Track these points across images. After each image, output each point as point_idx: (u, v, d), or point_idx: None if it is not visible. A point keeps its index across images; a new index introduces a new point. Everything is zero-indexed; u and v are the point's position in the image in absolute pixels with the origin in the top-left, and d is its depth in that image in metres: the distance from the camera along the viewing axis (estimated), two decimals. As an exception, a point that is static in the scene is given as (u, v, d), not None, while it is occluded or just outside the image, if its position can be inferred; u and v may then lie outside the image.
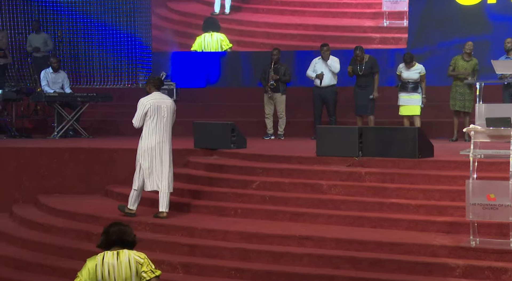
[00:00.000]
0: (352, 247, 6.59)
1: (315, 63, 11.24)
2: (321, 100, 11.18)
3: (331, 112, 11.19)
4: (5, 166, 9.82)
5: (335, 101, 11.17)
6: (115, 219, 7.88)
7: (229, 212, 7.78)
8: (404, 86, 10.47)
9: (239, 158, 9.13)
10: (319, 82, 11.10)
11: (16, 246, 8.05)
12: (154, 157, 7.69)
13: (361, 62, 10.77)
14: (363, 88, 10.84)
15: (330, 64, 11.05)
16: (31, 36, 13.91)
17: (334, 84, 11.18)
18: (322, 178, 8.00)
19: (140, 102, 7.68)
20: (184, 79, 14.10)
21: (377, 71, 10.87)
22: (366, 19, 13.45)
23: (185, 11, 14.67)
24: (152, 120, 7.65)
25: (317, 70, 11.15)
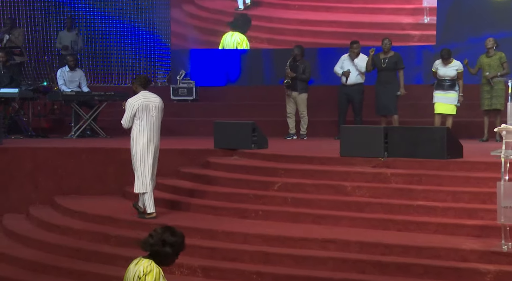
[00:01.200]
0: (377, 251, 6.54)
1: (343, 60, 11.19)
2: (346, 99, 11.14)
3: (356, 112, 11.13)
4: (21, 166, 9.92)
5: (361, 101, 11.12)
6: (132, 221, 7.93)
7: (249, 214, 7.77)
8: (440, 84, 10.36)
9: (260, 158, 9.12)
10: (344, 80, 11.05)
11: (33, 248, 8.12)
12: (146, 156, 7.76)
13: (386, 55, 10.71)
14: (385, 85, 10.77)
15: (357, 63, 10.99)
16: (62, 33, 13.98)
17: (361, 83, 11.13)
18: (346, 179, 7.96)
19: (128, 103, 7.76)
20: (203, 77, 14.13)
21: (402, 68, 10.80)
22: (405, 16, 13.13)
23: (209, 7, 14.62)
24: (141, 121, 7.74)
25: (344, 67, 11.10)
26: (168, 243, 4.09)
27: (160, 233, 4.12)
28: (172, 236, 4.10)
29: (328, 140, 10.69)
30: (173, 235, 4.11)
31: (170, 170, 9.46)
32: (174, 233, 4.13)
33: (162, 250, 4.06)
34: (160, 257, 4.09)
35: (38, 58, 14.80)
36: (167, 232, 4.13)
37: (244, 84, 14.13)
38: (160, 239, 4.09)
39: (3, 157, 9.97)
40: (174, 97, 13.57)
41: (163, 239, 4.09)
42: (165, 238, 4.09)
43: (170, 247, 4.09)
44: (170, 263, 4.18)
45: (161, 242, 4.09)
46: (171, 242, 4.08)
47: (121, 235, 7.71)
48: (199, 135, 11.59)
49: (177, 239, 4.10)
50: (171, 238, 4.09)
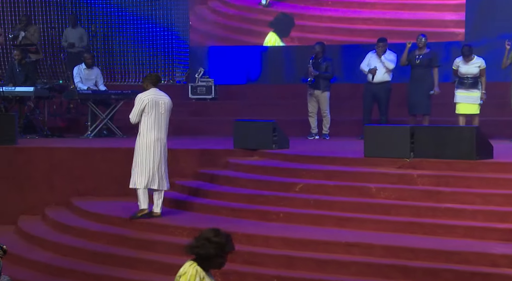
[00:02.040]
0: (403, 255, 6.50)
1: (369, 57, 11.15)
2: (372, 97, 11.08)
3: (382, 111, 11.07)
4: (37, 167, 9.99)
5: (388, 99, 11.06)
6: (149, 223, 7.96)
7: (270, 217, 7.76)
8: (462, 82, 10.28)
9: (281, 159, 9.11)
10: (371, 78, 11.00)
11: (48, 251, 8.19)
12: (153, 153, 7.85)
13: (421, 51, 10.65)
14: (418, 83, 10.69)
15: (385, 59, 10.93)
16: (67, 31, 14.04)
17: (388, 81, 11.07)
18: (371, 181, 7.92)
19: (137, 97, 7.90)
20: (223, 75, 14.14)
21: (437, 66, 10.73)
22: (447, 12, 12.84)
23: (231, 2, 14.57)
24: (150, 116, 7.84)
25: (371, 64, 11.05)
26: (211, 243, 4.06)
27: (203, 234, 4.09)
28: (215, 236, 4.08)
29: (351, 140, 10.63)
30: (216, 235, 4.08)
31: (188, 171, 9.49)
32: (218, 234, 4.10)
33: (205, 251, 4.01)
34: (204, 259, 4.05)
35: (54, 56, 14.90)
36: (211, 233, 4.09)
37: (264, 82, 14.12)
38: (203, 240, 4.06)
39: (18, 157, 10.06)
40: (193, 96, 13.60)
41: (205, 240, 4.06)
42: (208, 239, 4.06)
43: (214, 248, 4.04)
44: (218, 265, 4.12)
45: (204, 243, 4.05)
46: (215, 243, 4.05)
47: (139, 238, 7.75)
48: (218, 135, 11.60)
49: (220, 239, 4.06)
50: (214, 239, 4.06)
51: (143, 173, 7.88)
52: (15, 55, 12.17)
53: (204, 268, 4.11)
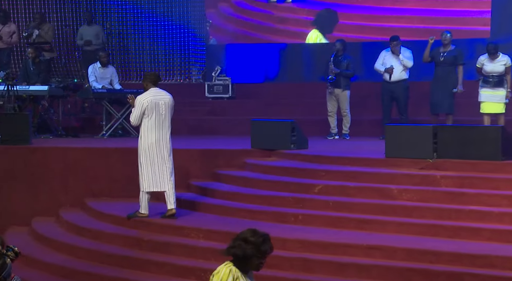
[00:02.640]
0: (425, 259, 6.47)
1: (383, 56, 11.10)
2: (390, 96, 11.04)
3: (402, 110, 11.03)
4: (51, 168, 10.05)
5: (406, 98, 11.01)
6: (165, 224, 7.98)
7: (288, 219, 7.75)
8: (487, 81, 10.19)
9: (299, 159, 9.09)
10: (388, 77, 10.95)
11: (63, 253, 8.24)
12: (155, 155, 7.92)
13: (445, 48, 10.58)
14: (442, 81, 10.63)
15: (403, 58, 10.87)
16: (82, 29, 14.06)
17: (405, 79, 11.02)
18: (392, 182, 7.89)
19: (137, 100, 7.96)
20: (240, 74, 14.15)
21: (462, 64, 10.66)
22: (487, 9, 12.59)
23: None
24: (150, 118, 7.92)
25: (386, 64, 11.01)
26: (247, 243, 4.03)
27: (240, 234, 4.08)
28: (252, 236, 4.05)
29: (372, 140, 10.60)
30: (253, 235, 4.06)
31: (205, 172, 9.51)
32: (255, 234, 4.08)
33: (241, 252, 4.01)
34: (241, 260, 4.04)
35: (68, 55, 15.00)
36: (247, 233, 4.08)
37: (283, 81, 14.11)
38: (239, 240, 4.05)
39: (32, 157, 10.14)
40: (209, 94, 13.62)
41: (242, 240, 4.05)
42: (244, 239, 4.04)
43: (250, 249, 4.02)
44: (255, 266, 4.09)
45: (240, 243, 4.03)
46: (251, 243, 4.02)
47: (154, 240, 7.77)
48: (235, 135, 11.61)
49: (256, 239, 4.03)
50: (250, 239, 4.03)
51: (144, 175, 7.96)
52: (29, 53, 12.23)
53: (242, 269, 4.08)
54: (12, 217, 9.84)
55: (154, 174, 7.94)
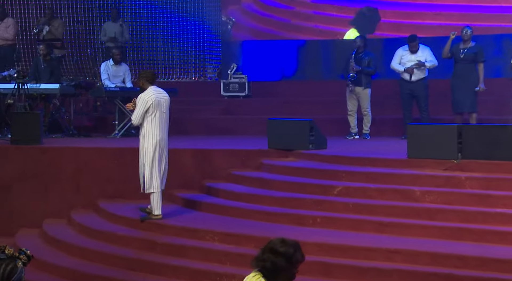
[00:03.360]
0: (450, 263, 6.42)
1: (401, 55, 11.04)
2: (410, 95, 10.99)
3: (422, 108, 10.98)
4: (62, 168, 10.10)
5: (426, 96, 10.96)
6: (180, 227, 7.98)
7: (307, 221, 7.74)
8: None
9: (318, 160, 9.07)
10: (408, 77, 10.90)
11: (75, 256, 8.28)
12: (158, 154, 8.02)
13: (466, 45, 10.50)
14: (462, 79, 10.56)
15: (428, 64, 10.77)
16: (107, 25, 14.09)
17: (424, 77, 10.96)
18: (415, 184, 7.84)
19: (140, 98, 8.01)
20: (257, 72, 14.14)
21: (483, 61, 10.57)
22: None
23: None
24: (153, 117, 8.00)
25: (404, 63, 10.95)
26: (277, 255, 3.88)
27: (268, 244, 3.94)
28: (282, 247, 3.90)
29: (394, 140, 10.55)
30: (282, 246, 3.91)
31: (220, 172, 9.50)
32: (284, 244, 3.93)
33: (270, 264, 3.86)
34: (270, 272, 3.88)
35: (80, 52, 15.05)
36: (276, 243, 3.93)
37: (301, 78, 14.08)
38: (268, 251, 3.90)
39: (43, 157, 10.19)
40: (225, 93, 13.63)
41: (270, 251, 3.90)
42: (273, 250, 3.89)
43: (280, 261, 3.86)
44: (287, 278, 3.94)
45: (269, 255, 3.89)
46: (281, 254, 3.87)
47: (168, 243, 7.78)
48: (252, 134, 11.60)
49: (286, 249, 3.88)
50: (280, 250, 3.88)
51: (154, 175, 8.02)
52: (41, 50, 12.25)
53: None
54: (22, 219, 9.89)
55: (160, 173, 8.06)
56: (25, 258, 3.70)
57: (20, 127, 10.47)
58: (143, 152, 8.06)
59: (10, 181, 10.10)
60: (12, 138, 10.55)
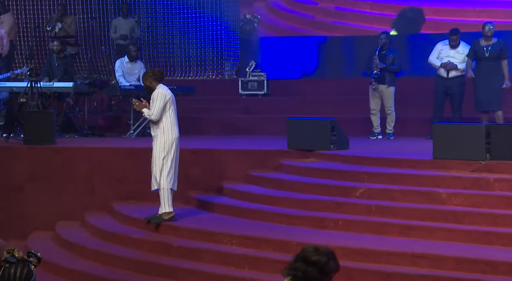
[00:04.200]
0: (477, 269, 6.38)
1: (439, 49, 10.96)
2: (445, 92, 10.90)
3: (456, 107, 10.90)
4: (76, 169, 10.15)
5: (461, 94, 10.90)
6: (196, 230, 7.99)
7: (328, 224, 7.72)
8: None
9: (340, 160, 9.04)
10: (446, 74, 10.82)
11: (88, 259, 8.32)
12: (176, 151, 8.15)
13: (488, 42, 10.42)
14: (486, 77, 10.48)
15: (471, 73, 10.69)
16: (116, 21, 14.05)
17: (461, 75, 10.88)
18: (440, 185, 7.80)
19: (159, 93, 8.13)
20: (276, 69, 14.14)
21: (506, 57, 10.50)
22: None
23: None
24: (171, 112, 8.14)
25: (442, 58, 10.87)
26: (309, 264, 3.80)
27: (300, 253, 3.86)
28: (314, 255, 3.81)
29: (419, 140, 10.50)
30: (315, 254, 3.82)
31: (238, 173, 9.51)
32: (317, 252, 3.84)
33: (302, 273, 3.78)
34: (300, 279, 3.79)
35: (94, 49, 15.12)
36: (309, 251, 3.85)
37: (322, 76, 14.05)
38: (300, 260, 3.83)
39: (56, 158, 10.25)
40: (243, 91, 13.63)
41: (302, 260, 3.82)
42: (305, 259, 3.81)
43: (311, 270, 3.78)
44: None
45: (300, 264, 3.80)
46: (313, 263, 3.78)
47: (184, 246, 7.80)
48: (271, 134, 11.59)
49: (319, 258, 3.79)
50: (312, 258, 3.79)
51: (172, 172, 8.13)
52: (55, 46, 12.29)
53: None
54: (35, 221, 9.97)
55: (176, 171, 8.18)
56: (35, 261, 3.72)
57: (32, 127, 10.54)
58: (162, 147, 8.10)
59: (23, 182, 10.18)
60: (25, 138, 10.63)
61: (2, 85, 11.91)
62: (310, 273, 3.78)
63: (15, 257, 3.68)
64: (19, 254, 3.70)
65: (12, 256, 3.68)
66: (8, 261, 3.66)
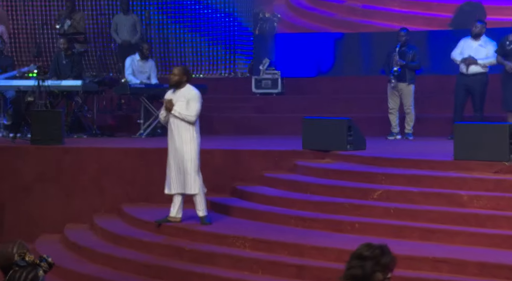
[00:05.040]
0: (501, 274, 6.33)
1: (462, 44, 10.90)
2: (466, 90, 10.84)
3: (477, 106, 10.83)
4: (85, 170, 10.18)
5: (483, 93, 10.82)
6: (209, 233, 7.99)
7: (344, 227, 7.69)
8: None
9: (357, 161, 9.02)
10: (465, 68, 10.76)
11: (97, 263, 8.34)
12: None
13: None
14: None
15: (481, 62, 10.62)
16: (117, 18, 14.01)
17: (484, 72, 10.81)
18: (462, 187, 7.76)
19: (196, 94, 8.13)
20: (291, 67, 14.12)
21: None
22: None
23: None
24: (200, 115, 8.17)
25: (464, 53, 10.80)
26: (364, 260, 3.78)
27: (354, 252, 3.85)
28: (367, 250, 3.80)
29: (439, 140, 10.46)
30: (368, 249, 3.82)
31: (252, 174, 9.50)
32: (369, 247, 3.84)
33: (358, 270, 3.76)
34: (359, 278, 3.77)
35: (103, 46, 15.15)
36: (361, 248, 3.84)
37: (338, 74, 14.03)
38: (354, 259, 3.81)
39: (64, 158, 10.28)
40: (257, 90, 13.62)
41: (357, 257, 3.80)
42: (359, 256, 3.80)
43: (367, 265, 3.76)
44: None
45: (355, 262, 3.78)
46: (367, 258, 3.77)
47: (196, 249, 7.79)
48: (285, 134, 11.58)
49: (372, 252, 3.78)
50: (365, 253, 3.78)
51: (200, 175, 8.15)
52: (62, 44, 12.33)
53: None
54: (43, 224, 10.00)
55: None
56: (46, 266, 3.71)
57: (40, 127, 10.58)
58: (198, 150, 8.09)
59: (30, 183, 10.22)
60: (32, 138, 10.67)
61: (9, 83, 11.96)
62: (368, 269, 3.76)
63: (25, 261, 3.68)
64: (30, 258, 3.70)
65: (22, 260, 3.68)
66: (18, 265, 3.66)
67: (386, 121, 11.34)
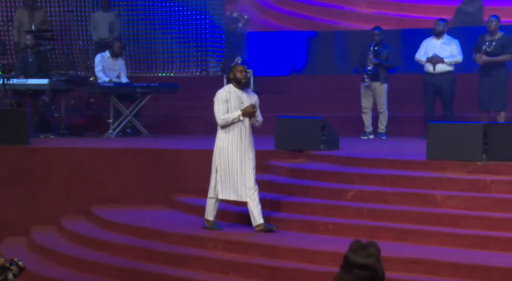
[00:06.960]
0: (474, 275, 6.42)
1: (426, 45, 11.04)
2: (434, 90, 10.97)
3: (447, 106, 10.97)
4: (52, 171, 10.12)
5: (452, 92, 10.95)
6: (182, 235, 8.00)
7: (318, 228, 7.75)
8: None
9: (330, 161, 9.08)
10: (432, 68, 10.90)
11: (66, 266, 8.30)
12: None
13: (493, 36, 10.49)
14: (490, 74, 10.55)
15: (448, 60, 10.76)
16: (96, 15, 13.91)
17: (450, 70, 10.96)
18: (436, 187, 7.85)
19: (257, 98, 8.14)
20: (263, 66, 14.16)
21: (511, 52, 10.55)
22: None
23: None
24: None
25: (428, 53, 10.94)
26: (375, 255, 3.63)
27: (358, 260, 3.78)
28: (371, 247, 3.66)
29: (412, 140, 10.56)
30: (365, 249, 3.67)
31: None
32: (364, 247, 3.68)
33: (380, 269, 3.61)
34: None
35: (71, 44, 15.07)
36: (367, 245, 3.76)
37: (311, 73, 14.10)
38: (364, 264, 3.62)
39: (31, 159, 10.21)
40: (229, 89, 13.61)
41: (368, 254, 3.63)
42: (371, 252, 3.63)
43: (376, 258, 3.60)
44: None
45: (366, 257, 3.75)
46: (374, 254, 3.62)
47: (169, 252, 7.80)
48: (258, 134, 11.58)
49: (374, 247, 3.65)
50: (372, 250, 3.63)
51: None
52: (28, 40, 12.23)
53: None
54: (8, 226, 9.91)
55: None
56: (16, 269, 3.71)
57: (6, 126, 10.49)
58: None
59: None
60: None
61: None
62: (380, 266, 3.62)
63: None
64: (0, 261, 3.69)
65: None
66: None
67: (359, 121, 11.43)
